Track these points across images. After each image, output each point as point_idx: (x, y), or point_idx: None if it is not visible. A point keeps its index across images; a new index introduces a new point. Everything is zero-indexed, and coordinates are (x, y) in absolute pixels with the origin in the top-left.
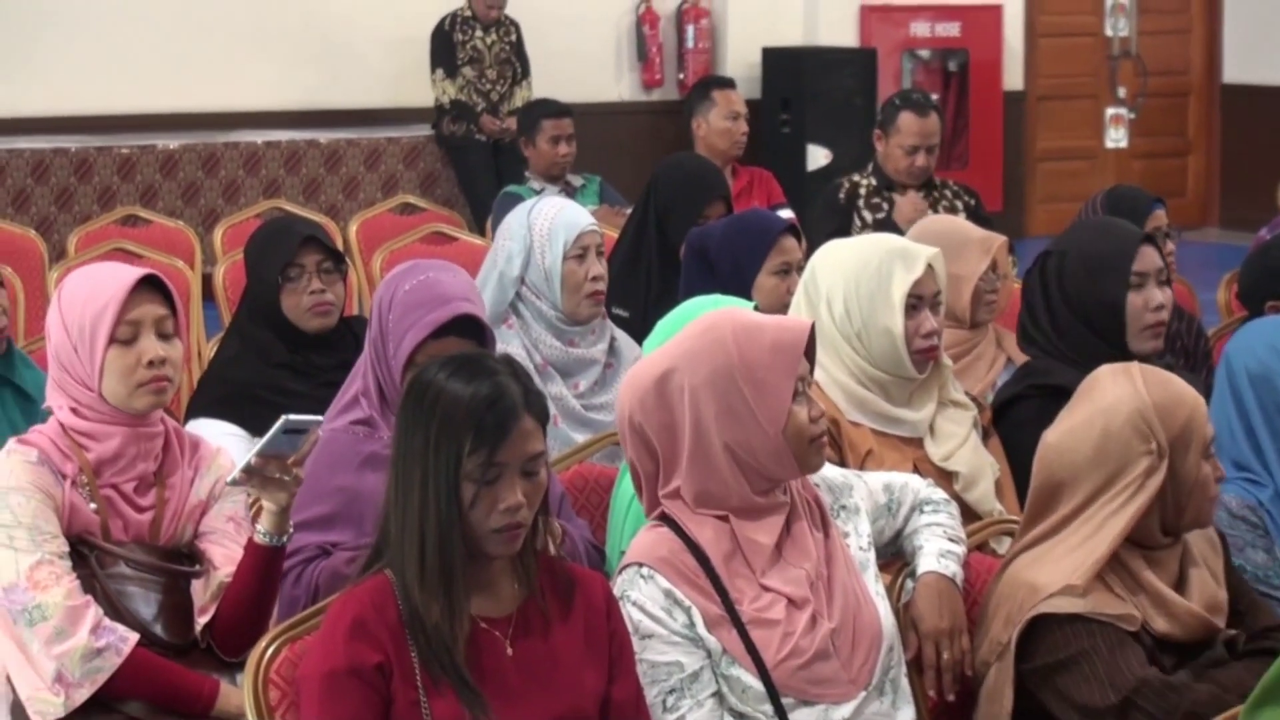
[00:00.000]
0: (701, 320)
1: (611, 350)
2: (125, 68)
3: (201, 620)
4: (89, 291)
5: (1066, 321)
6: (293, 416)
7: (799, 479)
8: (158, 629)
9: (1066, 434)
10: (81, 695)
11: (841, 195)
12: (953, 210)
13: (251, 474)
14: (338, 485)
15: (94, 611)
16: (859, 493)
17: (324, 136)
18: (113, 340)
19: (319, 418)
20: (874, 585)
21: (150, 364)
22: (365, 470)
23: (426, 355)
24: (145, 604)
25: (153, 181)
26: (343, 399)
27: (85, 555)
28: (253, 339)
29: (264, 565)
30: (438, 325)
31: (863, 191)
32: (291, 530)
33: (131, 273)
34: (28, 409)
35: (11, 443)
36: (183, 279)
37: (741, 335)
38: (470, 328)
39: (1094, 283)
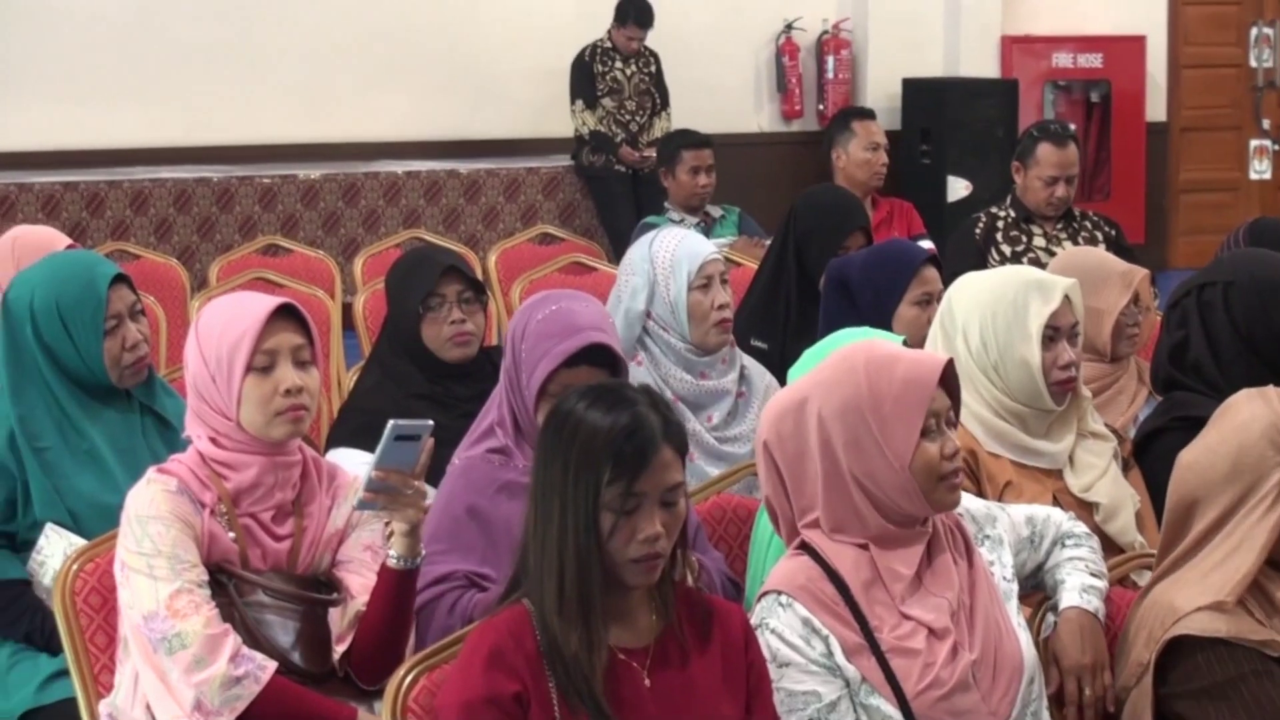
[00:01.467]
0: (840, 350)
1: (742, 379)
2: (268, 98)
3: (339, 649)
4: (226, 321)
5: (1231, 351)
6: (400, 421)
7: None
8: (295, 657)
9: (1201, 452)
10: None
11: (978, 230)
12: (1093, 241)
13: (377, 492)
14: (476, 511)
15: (233, 640)
16: (1002, 524)
17: (464, 167)
18: (250, 369)
19: (428, 421)
20: (1016, 617)
21: (287, 392)
22: (501, 497)
23: (559, 385)
24: (283, 632)
25: (294, 211)
26: (478, 428)
27: (224, 584)
28: (392, 369)
29: (397, 590)
30: (569, 354)
31: (1000, 225)
32: (423, 553)
33: (268, 301)
34: (168, 437)
35: (151, 472)
36: (323, 308)
37: (873, 367)
38: (603, 357)
39: (1267, 311)
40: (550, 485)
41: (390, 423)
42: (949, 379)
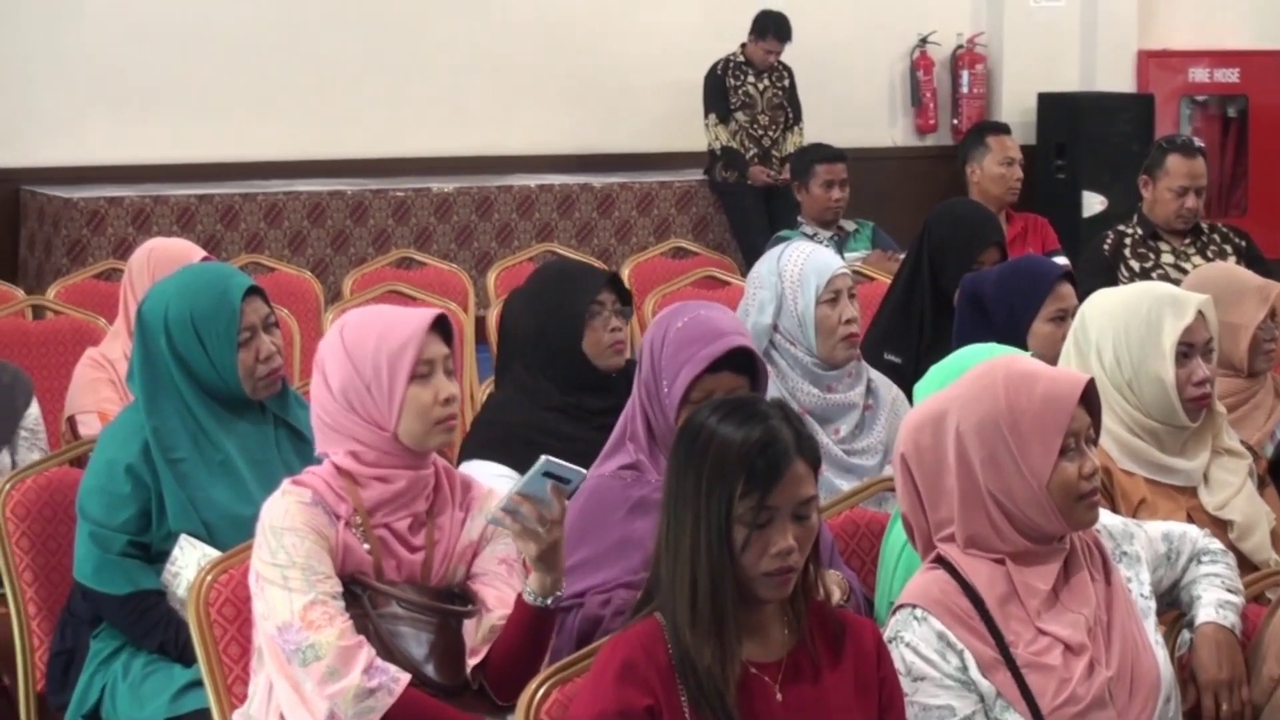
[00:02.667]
0: (982, 365)
1: (869, 392)
2: (403, 112)
3: (472, 661)
4: (382, 331)
5: None
6: (554, 460)
7: None
8: (429, 669)
9: None
10: None
11: (1106, 247)
12: (1222, 254)
13: (510, 514)
14: (604, 532)
15: (366, 652)
16: (1139, 541)
17: (597, 180)
18: (413, 377)
19: (582, 471)
20: (1154, 634)
21: (446, 401)
22: (634, 516)
23: (702, 391)
24: (417, 644)
25: (427, 224)
26: (611, 443)
27: (358, 595)
28: (525, 383)
29: (531, 624)
30: (713, 359)
31: (1128, 242)
32: (560, 594)
33: (423, 312)
34: (301, 448)
35: (286, 484)
36: (456, 321)
37: (1013, 385)
38: (744, 363)
39: None
40: (683, 498)
41: (543, 458)
42: (1090, 397)
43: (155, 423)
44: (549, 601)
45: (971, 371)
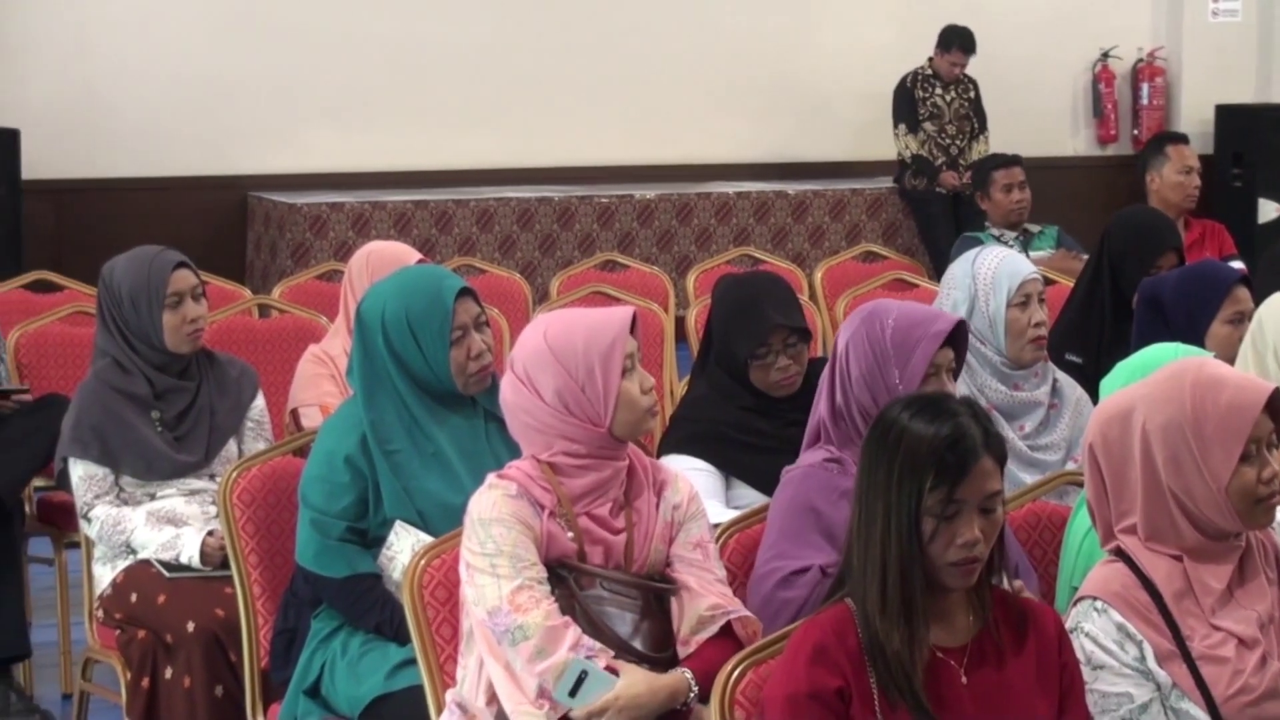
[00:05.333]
0: (1172, 365)
1: (1055, 391)
2: (606, 123)
3: (683, 650)
4: (588, 333)
5: None
6: (590, 671)
7: None
8: (636, 643)
9: None
10: (563, 708)
11: None
12: None
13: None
14: (819, 513)
15: (573, 631)
16: None
17: (792, 188)
18: (623, 373)
19: (614, 679)
20: None
21: (650, 390)
22: (844, 503)
23: (932, 366)
24: (622, 622)
25: (630, 229)
26: (808, 440)
27: (564, 578)
28: (718, 383)
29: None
30: (946, 333)
31: None
32: (693, 693)
33: (624, 310)
34: (510, 441)
35: (492, 477)
36: (657, 321)
37: (1199, 389)
38: (956, 339)
39: None
40: (874, 490)
41: (577, 662)
42: (1274, 404)
43: (373, 416)
44: (689, 702)
45: (1162, 371)
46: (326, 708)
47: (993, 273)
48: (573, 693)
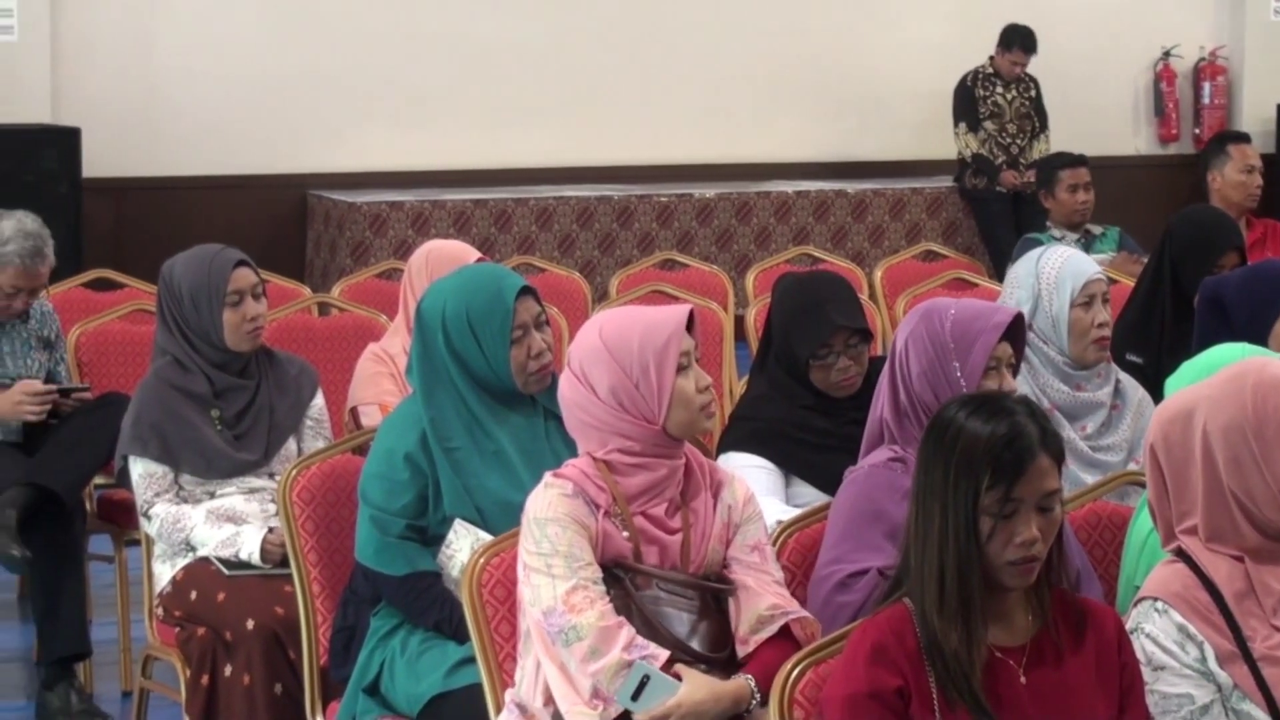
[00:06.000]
0: (1234, 366)
1: (1117, 393)
2: (666, 121)
3: (742, 650)
4: (643, 331)
5: None
6: (653, 675)
7: None
8: (694, 643)
9: None
10: (616, 708)
11: None
12: None
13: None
14: (881, 514)
15: (626, 631)
16: None
17: (851, 187)
18: (678, 371)
19: (677, 684)
20: None
21: (706, 388)
22: (906, 502)
23: (992, 359)
24: (679, 622)
25: (689, 228)
26: (870, 440)
27: (620, 578)
28: (778, 381)
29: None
30: (1006, 324)
31: None
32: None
33: (679, 308)
34: (569, 439)
35: (548, 477)
36: (716, 320)
37: (1261, 390)
38: (1014, 332)
39: None
40: (931, 490)
41: (637, 662)
42: None
43: (432, 414)
44: (751, 708)
45: (1223, 372)
46: (385, 706)
47: (1057, 272)
48: (635, 696)
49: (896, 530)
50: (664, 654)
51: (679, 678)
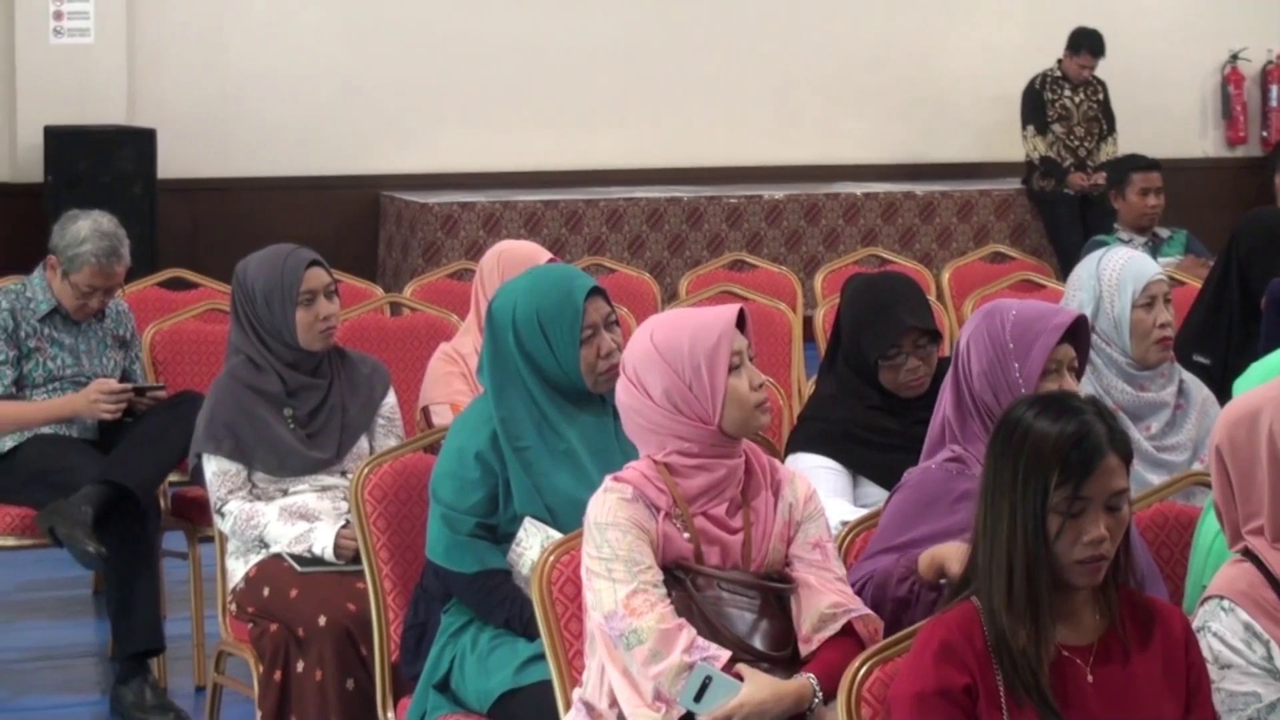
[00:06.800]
0: None
1: (1180, 392)
2: (736, 123)
3: (805, 649)
4: (693, 332)
5: None
6: (715, 677)
7: None
8: (755, 642)
9: None
10: (679, 710)
11: None
12: None
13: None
14: (931, 520)
15: (687, 633)
16: None
17: (920, 189)
18: (730, 370)
19: (739, 684)
20: None
21: (759, 386)
22: (958, 507)
23: (1053, 360)
24: (742, 621)
25: (758, 229)
26: (931, 439)
27: (682, 580)
28: (847, 382)
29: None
30: (1066, 326)
31: None
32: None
33: (729, 308)
34: None
35: (608, 481)
36: (784, 321)
37: None
38: (1076, 335)
39: None
40: (1000, 489)
41: (702, 667)
42: None
43: (503, 413)
44: (813, 706)
45: None
46: (456, 702)
47: (1118, 274)
48: (697, 698)
49: (938, 534)
50: (725, 654)
51: (740, 678)
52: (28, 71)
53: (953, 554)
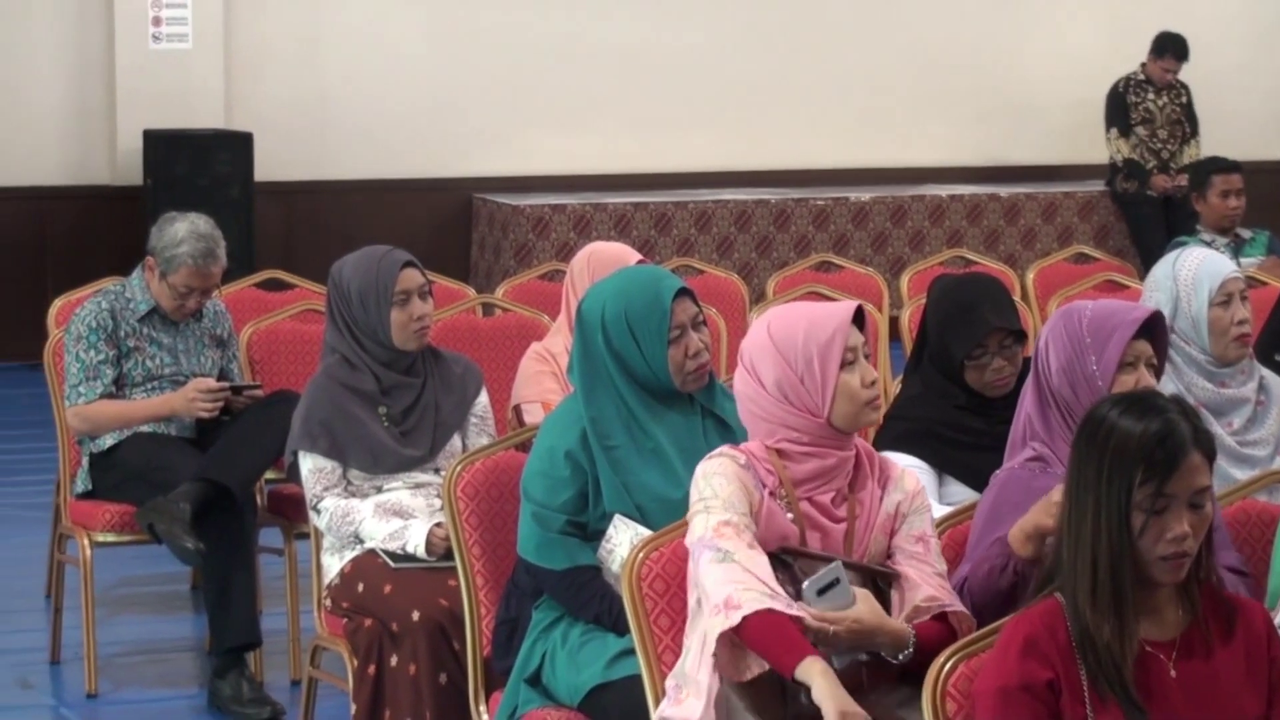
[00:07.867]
0: None
1: (1261, 388)
2: (822, 126)
3: None
4: (808, 325)
5: None
6: (842, 580)
7: None
8: None
9: None
10: (735, 617)
11: None
12: None
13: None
14: (1010, 522)
15: (767, 565)
16: None
17: (1004, 190)
18: (842, 365)
19: (856, 599)
20: None
21: (871, 384)
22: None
23: (1131, 354)
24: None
25: (845, 231)
26: (1015, 438)
27: (789, 563)
28: (933, 381)
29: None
30: (1142, 321)
31: None
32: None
33: (847, 304)
34: (727, 438)
35: (725, 447)
36: (871, 321)
37: None
38: (1153, 331)
39: None
40: (1085, 486)
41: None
42: None
43: (593, 412)
44: (900, 657)
45: None
46: (547, 696)
47: (1193, 273)
48: (821, 592)
49: None
50: (785, 597)
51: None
52: (127, 77)
53: (1037, 515)
